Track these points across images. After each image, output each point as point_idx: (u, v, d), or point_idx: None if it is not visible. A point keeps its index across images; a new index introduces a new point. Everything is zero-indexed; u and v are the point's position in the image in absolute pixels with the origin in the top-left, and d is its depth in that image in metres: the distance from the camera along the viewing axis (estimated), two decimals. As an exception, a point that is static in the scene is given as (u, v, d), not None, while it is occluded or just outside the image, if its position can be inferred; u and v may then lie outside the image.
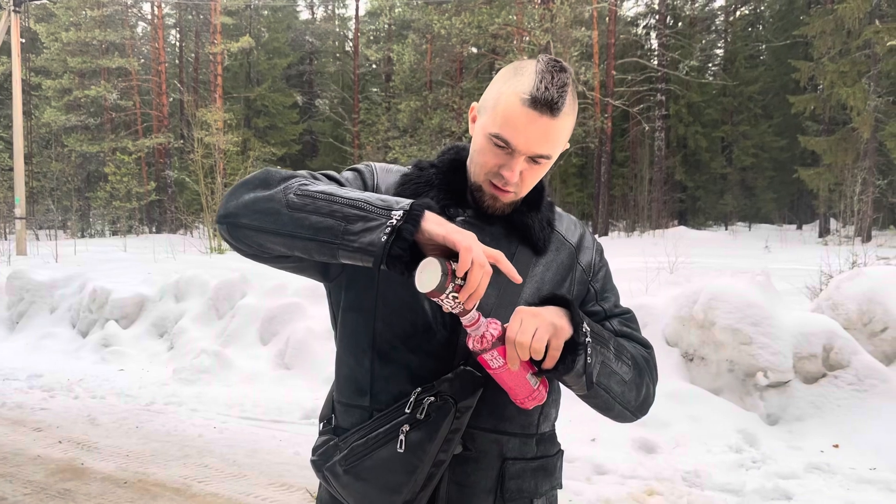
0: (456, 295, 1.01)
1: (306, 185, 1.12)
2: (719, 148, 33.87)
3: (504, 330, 1.09)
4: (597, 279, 1.36)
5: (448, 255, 1.02)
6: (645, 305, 5.48)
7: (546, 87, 1.13)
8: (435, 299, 1.02)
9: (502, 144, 1.16)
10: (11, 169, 22.69)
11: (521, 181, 1.20)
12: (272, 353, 6.35)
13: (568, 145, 1.27)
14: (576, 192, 33.47)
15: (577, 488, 3.84)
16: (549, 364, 1.10)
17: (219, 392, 5.80)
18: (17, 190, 20.19)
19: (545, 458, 1.31)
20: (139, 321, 7.66)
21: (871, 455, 4.08)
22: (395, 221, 1.02)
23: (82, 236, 29.69)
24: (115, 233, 31.12)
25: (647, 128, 28.69)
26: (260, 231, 1.11)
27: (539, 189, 1.30)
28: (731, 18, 36.45)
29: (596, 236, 1.37)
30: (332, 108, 38.55)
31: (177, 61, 38.27)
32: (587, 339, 1.14)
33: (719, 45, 37.32)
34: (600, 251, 1.40)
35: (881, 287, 5.05)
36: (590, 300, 1.34)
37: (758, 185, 32.79)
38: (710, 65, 36.53)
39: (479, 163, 1.21)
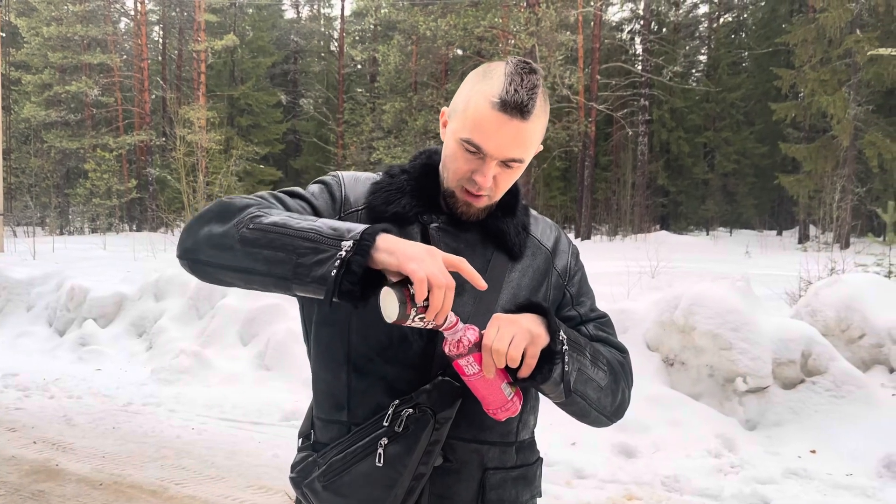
0: (423, 316, 0.99)
1: (260, 217, 1.09)
2: (701, 153, 34.16)
3: (481, 336, 1.07)
4: (573, 283, 1.35)
5: (409, 279, 1.00)
6: (626, 310, 5.50)
7: (516, 90, 1.11)
8: (404, 325, 1.00)
9: (473, 150, 1.14)
10: (-11, 164, 22.37)
11: (494, 185, 1.18)
12: (252, 354, 6.30)
13: (541, 147, 1.26)
14: (559, 195, 33.61)
15: (557, 492, 3.84)
16: (524, 373, 1.09)
17: (198, 393, 5.75)
18: (-5, 186, 19.91)
19: (525, 467, 1.30)
20: (118, 320, 7.58)
21: (848, 461, 4.12)
22: (343, 253, 1.00)
23: (61, 233, 29.36)
24: (94, 230, 30.78)
25: (630, 132, 28.86)
26: (219, 267, 1.10)
27: (514, 193, 1.29)
28: (715, 25, 36.80)
29: (572, 238, 1.37)
30: (317, 108, 38.43)
31: (160, 58, 38.01)
32: (564, 348, 1.13)
33: (703, 51, 37.68)
34: (576, 255, 1.39)
35: (859, 294, 5.11)
36: (566, 305, 1.33)
37: (739, 190, 33.10)
38: (693, 71, 36.84)
39: (451, 169, 1.20)
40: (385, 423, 1.13)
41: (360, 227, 1.03)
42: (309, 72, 41.79)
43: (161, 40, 38.83)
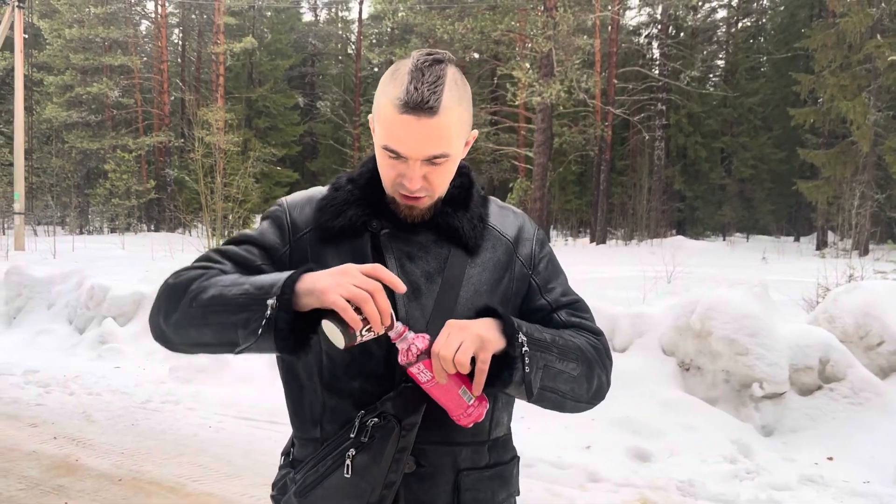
0: (370, 328, 1.03)
1: (200, 294, 1.13)
2: (719, 158, 33.98)
3: (431, 342, 1.08)
4: (538, 272, 1.31)
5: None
6: (642, 314, 5.50)
7: (416, 88, 1.09)
8: (357, 344, 1.04)
9: (394, 155, 1.14)
10: (11, 164, 22.68)
11: (429, 184, 1.17)
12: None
13: (475, 133, 1.25)
14: (574, 199, 33.54)
15: (571, 495, 3.85)
16: (478, 379, 1.08)
17: (214, 391, 5.80)
18: (17, 185, 20.17)
19: (500, 466, 1.29)
20: (136, 319, 7.64)
21: (865, 468, 4.10)
22: (269, 313, 1.03)
23: (80, 233, 29.65)
24: (113, 230, 31.08)
25: (647, 137, 28.78)
26: (191, 345, 1.18)
27: (465, 187, 1.28)
28: (733, 30, 36.61)
29: (537, 227, 1.34)
30: (334, 111, 38.58)
31: (179, 60, 38.32)
32: (524, 350, 1.11)
33: (721, 56, 37.49)
34: (541, 241, 1.35)
35: (878, 301, 5.07)
36: (533, 294, 1.30)
37: (756, 196, 32.89)
38: (711, 75, 36.68)
39: (383, 176, 1.20)
40: (352, 435, 1.14)
41: (281, 281, 1.06)
42: (326, 74, 42.01)
43: (181, 42, 39.16)
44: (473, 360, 1.07)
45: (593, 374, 1.24)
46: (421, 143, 1.12)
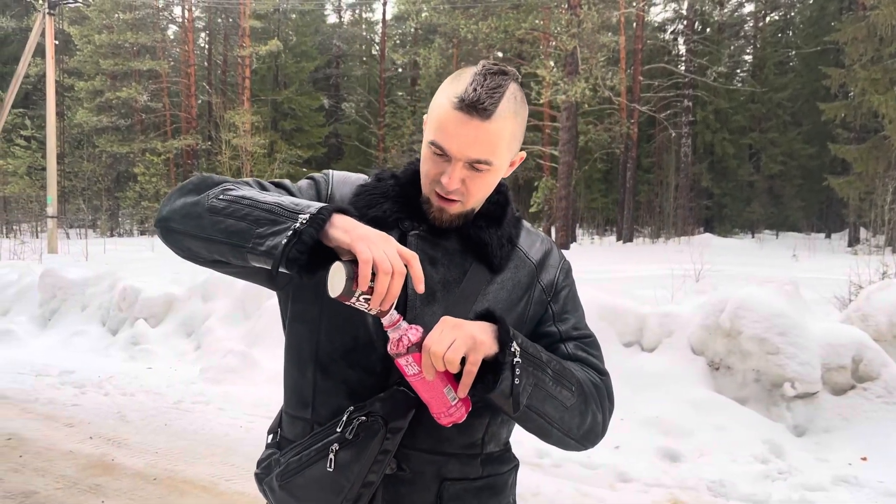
0: (368, 298, 1.00)
1: (231, 189, 1.13)
2: (747, 155, 33.58)
3: (424, 336, 1.07)
4: (557, 299, 1.29)
5: None
6: (670, 314, 5.46)
7: (475, 90, 1.10)
8: (347, 303, 1.01)
9: (440, 152, 1.14)
10: (44, 168, 23.10)
11: (465, 190, 1.16)
12: (298, 354, 6.40)
13: (523, 154, 1.25)
14: (600, 197, 33.36)
15: (601, 496, 3.84)
16: (465, 380, 1.07)
17: (245, 392, 5.87)
18: (50, 189, 20.56)
19: (493, 477, 1.27)
20: (167, 320, 7.77)
21: (901, 469, 4.03)
22: (298, 225, 1.01)
23: (111, 235, 30.16)
24: (143, 232, 31.58)
25: (673, 134, 28.51)
26: (185, 235, 1.14)
27: (501, 204, 1.27)
28: (761, 24, 36.14)
29: (564, 257, 1.32)
30: (358, 112, 38.77)
31: (206, 64, 38.77)
32: (515, 360, 1.08)
33: (748, 51, 37.04)
34: (566, 270, 1.33)
35: (912, 299, 4.99)
36: (546, 320, 1.28)
37: (786, 192, 32.44)
38: (738, 71, 36.26)
39: (423, 172, 1.20)
40: (338, 429, 1.14)
41: (320, 204, 1.06)
42: (351, 76, 42.20)
43: (207, 46, 39.61)
44: (463, 361, 1.06)
45: (588, 411, 1.21)
46: (468, 144, 1.12)
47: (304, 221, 1.02)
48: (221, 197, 1.12)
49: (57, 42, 21.41)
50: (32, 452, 4.43)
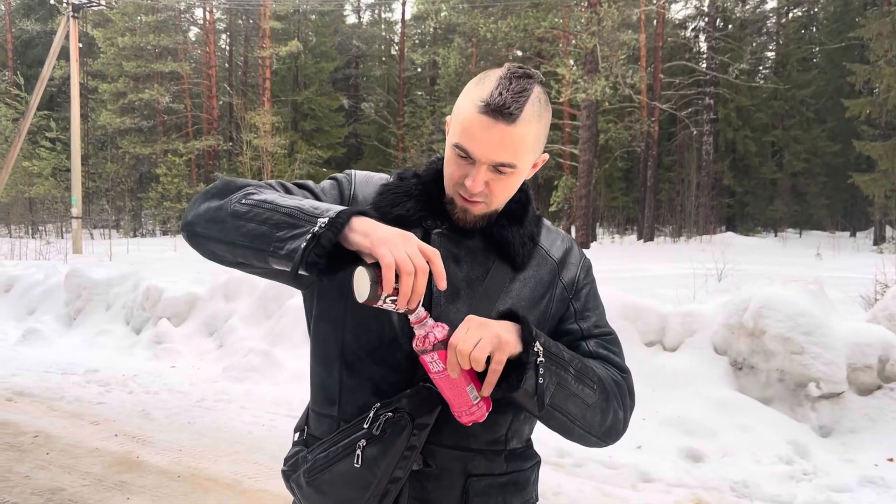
0: (395, 299, 1.01)
1: (253, 194, 1.15)
2: (769, 153, 33.20)
3: (449, 334, 1.08)
4: (578, 297, 1.31)
5: None
6: (692, 313, 5.42)
7: (500, 93, 1.11)
8: (375, 307, 1.02)
9: (463, 154, 1.15)
10: (69, 170, 23.43)
11: (489, 192, 1.17)
12: (319, 353, 6.44)
13: (546, 156, 1.25)
14: (621, 196, 33.18)
15: (623, 495, 3.82)
16: (490, 378, 1.08)
17: (267, 390, 5.91)
18: (74, 190, 20.84)
19: (517, 473, 1.28)
20: (190, 320, 7.84)
21: (929, 470, 3.97)
22: (317, 229, 1.03)
23: (134, 236, 30.51)
24: (165, 232, 31.91)
25: (694, 132, 28.29)
26: (210, 239, 1.16)
27: (523, 202, 1.28)
28: (784, 20, 35.73)
29: (584, 255, 1.36)
30: (378, 112, 38.90)
31: (227, 65, 39.08)
32: (539, 359, 1.09)
33: (771, 47, 36.63)
34: (587, 268, 1.34)
35: (940, 298, 4.91)
36: (568, 318, 1.29)
37: (809, 190, 32.06)
38: (760, 68, 35.88)
39: (446, 175, 1.21)
40: (365, 426, 1.15)
41: (340, 208, 1.07)
42: (370, 76, 42.34)
43: (228, 48, 39.92)
44: (488, 360, 1.07)
45: (609, 408, 1.22)
46: (492, 148, 1.12)
47: (323, 225, 1.03)
48: (244, 201, 1.14)
49: (81, 45, 21.69)
50: (59, 450, 4.50)
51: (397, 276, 0.99)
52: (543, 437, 1.39)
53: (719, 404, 4.67)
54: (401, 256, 1.00)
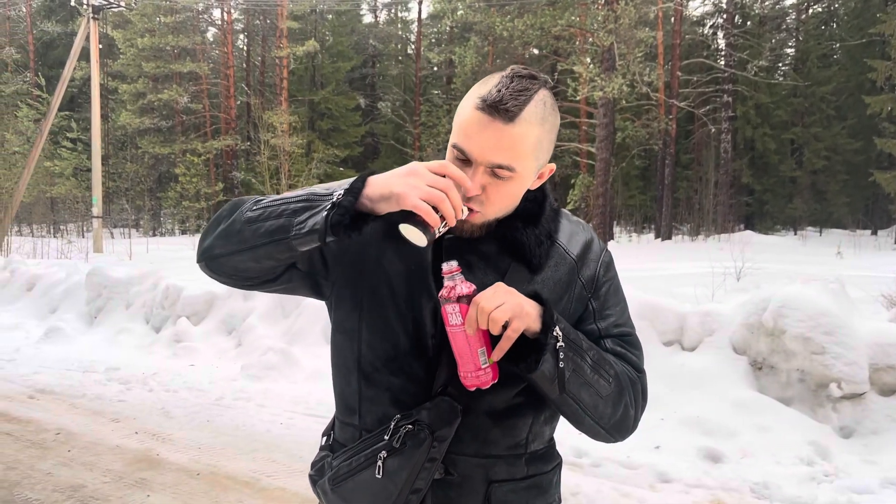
0: (445, 224, 1.06)
1: (261, 200, 1.18)
2: (789, 150, 32.88)
3: (475, 293, 1.10)
4: (598, 296, 1.27)
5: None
6: (711, 312, 5.38)
7: (499, 90, 1.08)
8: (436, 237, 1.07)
9: (461, 156, 1.12)
10: (90, 170, 23.68)
11: (485, 198, 1.13)
12: (336, 352, 6.46)
13: (552, 166, 1.22)
14: (638, 194, 33.01)
15: (641, 496, 3.80)
16: (502, 344, 1.09)
17: (285, 389, 5.94)
18: (95, 190, 21.06)
19: (539, 476, 1.28)
20: (209, 318, 7.90)
21: (953, 472, 3.92)
22: (335, 199, 1.06)
23: (153, 235, 30.77)
24: (184, 232, 32.16)
25: (712, 129, 28.07)
26: (230, 254, 1.17)
27: (538, 201, 1.25)
28: (803, 17, 35.34)
29: (605, 247, 1.33)
30: (394, 111, 38.95)
31: (244, 65, 39.29)
32: (558, 344, 1.10)
33: (790, 44, 36.23)
34: (607, 263, 1.30)
35: (965, 297, 4.84)
36: (587, 318, 1.27)
37: (830, 188, 31.68)
38: (780, 65, 35.50)
39: None
40: (386, 437, 1.17)
41: (347, 182, 1.11)
42: (387, 75, 42.40)
43: (245, 48, 40.14)
44: (505, 327, 1.08)
45: (621, 402, 1.21)
46: (488, 147, 1.09)
47: (340, 195, 1.07)
48: (254, 208, 1.17)
49: (101, 46, 21.91)
50: (80, 447, 4.55)
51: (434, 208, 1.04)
52: (560, 438, 1.39)
53: (739, 404, 4.63)
54: (427, 193, 1.03)
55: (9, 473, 4.09)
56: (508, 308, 1.06)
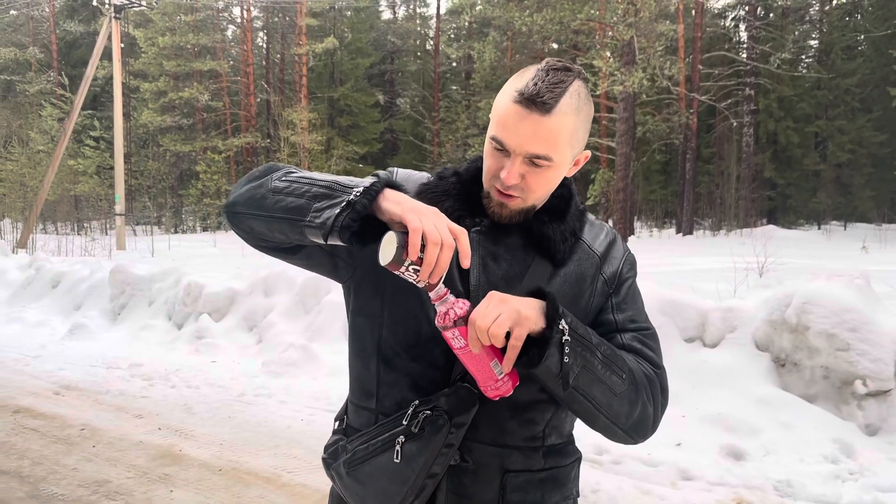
0: (417, 269, 1.02)
1: (292, 172, 1.20)
2: (812, 144, 32.42)
3: (470, 311, 1.08)
4: (619, 292, 1.29)
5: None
6: (734, 308, 5.32)
7: (535, 84, 1.11)
8: (396, 272, 1.04)
9: (499, 147, 1.15)
10: (112, 168, 23.95)
11: (525, 186, 1.17)
12: (356, 348, 6.48)
13: (588, 153, 1.24)
14: (659, 189, 32.75)
15: (662, 493, 3.78)
16: (509, 355, 1.08)
17: (305, 385, 5.98)
18: (118, 188, 21.29)
19: (556, 469, 1.28)
20: (230, 315, 7.96)
21: (982, 471, 3.85)
22: (352, 197, 1.06)
23: (175, 232, 31.04)
24: (205, 229, 32.41)
25: (734, 123, 27.76)
26: (249, 216, 1.20)
27: (565, 197, 1.28)
28: (827, 8, 34.79)
29: (628, 249, 1.35)
30: (413, 107, 38.96)
31: (264, 63, 39.51)
32: (564, 338, 1.09)
33: (814, 35, 35.68)
34: (630, 263, 1.32)
35: None
36: (605, 310, 1.28)
37: (854, 182, 31.20)
38: (803, 57, 35.00)
39: (484, 168, 1.22)
40: (404, 422, 1.17)
41: (371, 180, 1.12)
42: (405, 71, 42.42)
43: (265, 45, 40.35)
44: (509, 335, 1.07)
45: (638, 400, 1.20)
46: (526, 138, 1.13)
47: (358, 193, 1.07)
48: (283, 179, 1.19)
49: (123, 45, 22.12)
50: (105, 442, 4.60)
51: (423, 247, 1.02)
52: (580, 434, 1.38)
53: (761, 401, 4.58)
54: (429, 227, 1.02)
55: (35, 468, 4.15)
56: (506, 319, 1.06)
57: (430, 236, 1.01)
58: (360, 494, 1.23)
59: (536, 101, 1.10)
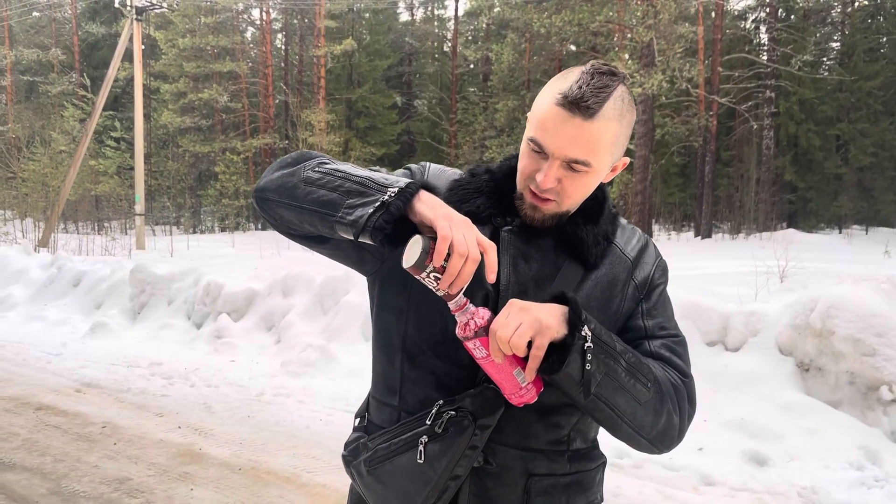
0: (438, 277, 1.01)
1: (326, 163, 1.18)
2: (834, 147, 32.08)
3: (490, 320, 1.07)
4: (650, 297, 1.26)
5: None
6: (756, 312, 5.26)
7: (580, 87, 1.08)
8: (417, 277, 1.03)
9: (537, 149, 1.13)
10: (133, 168, 24.16)
11: (561, 190, 1.14)
12: (374, 349, 6.48)
13: (626, 160, 1.22)
14: (677, 192, 32.54)
15: (684, 498, 3.74)
16: (531, 364, 1.07)
17: (324, 385, 5.98)
18: (138, 188, 21.47)
19: (581, 473, 1.26)
20: (249, 315, 7.99)
21: None
22: (387, 198, 1.04)
23: (194, 232, 31.25)
24: (223, 229, 32.59)
25: (754, 126, 27.52)
26: (279, 204, 1.18)
27: (599, 200, 1.25)
28: (849, 10, 34.44)
29: (660, 255, 1.32)
30: (430, 109, 38.98)
31: (282, 64, 39.66)
32: (586, 345, 1.06)
33: (836, 38, 35.34)
34: (662, 268, 1.30)
35: None
36: (635, 316, 1.25)
37: (877, 185, 30.82)
38: (824, 59, 34.63)
39: (519, 169, 1.19)
40: (428, 422, 1.16)
41: (410, 180, 1.09)
42: (423, 73, 42.46)
43: (284, 47, 40.52)
44: (531, 344, 1.06)
45: (663, 410, 1.17)
46: (566, 142, 1.10)
47: (393, 194, 1.05)
48: (317, 169, 1.17)
49: (144, 47, 22.31)
50: (126, 440, 4.63)
51: (448, 255, 1.01)
52: (602, 438, 1.37)
53: (785, 407, 4.53)
54: (458, 236, 1.01)
55: (57, 466, 4.18)
56: (527, 328, 1.04)
57: (458, 246, 1.00)
58: (380, 494, 1.22)
59: (580, 105, 1.08)
